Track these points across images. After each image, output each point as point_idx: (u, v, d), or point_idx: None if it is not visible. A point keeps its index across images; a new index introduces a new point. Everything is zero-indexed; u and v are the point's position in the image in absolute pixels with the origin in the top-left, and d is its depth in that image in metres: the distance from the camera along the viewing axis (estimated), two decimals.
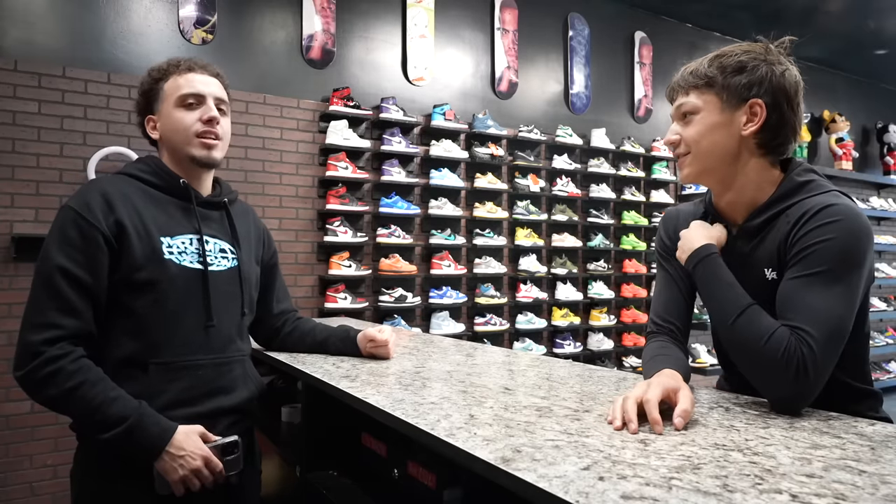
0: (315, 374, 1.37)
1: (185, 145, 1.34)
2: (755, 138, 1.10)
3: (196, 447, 1.21)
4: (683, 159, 1.16)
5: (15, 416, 2.82)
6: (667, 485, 0.68)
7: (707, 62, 1.12)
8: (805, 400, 0.98)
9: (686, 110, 1.14)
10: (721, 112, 1.10)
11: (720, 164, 1.12)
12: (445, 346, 1.90)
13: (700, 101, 1.12)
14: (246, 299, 1.41)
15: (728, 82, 1.09)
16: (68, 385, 1.15)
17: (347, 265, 3.66)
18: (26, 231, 2.86)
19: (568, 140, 4.57)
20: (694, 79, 1.13)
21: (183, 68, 1.36)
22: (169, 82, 1.35)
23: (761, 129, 1.09)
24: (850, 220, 1.01)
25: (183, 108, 1.34)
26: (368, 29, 3.95)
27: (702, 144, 1.12)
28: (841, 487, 0.67)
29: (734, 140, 1.10)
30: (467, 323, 4.13)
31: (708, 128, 1.11)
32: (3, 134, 2.87)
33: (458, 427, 0.91)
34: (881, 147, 7.09)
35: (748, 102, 1.09)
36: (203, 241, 1.33)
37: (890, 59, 6.36)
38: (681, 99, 1.15)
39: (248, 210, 1.56)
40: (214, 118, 1.35)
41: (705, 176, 1.16)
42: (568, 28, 4.79)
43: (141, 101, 1.39)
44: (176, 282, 1.27)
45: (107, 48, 3.15)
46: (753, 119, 1.09)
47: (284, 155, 3.61)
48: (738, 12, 5.21)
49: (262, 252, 1.55)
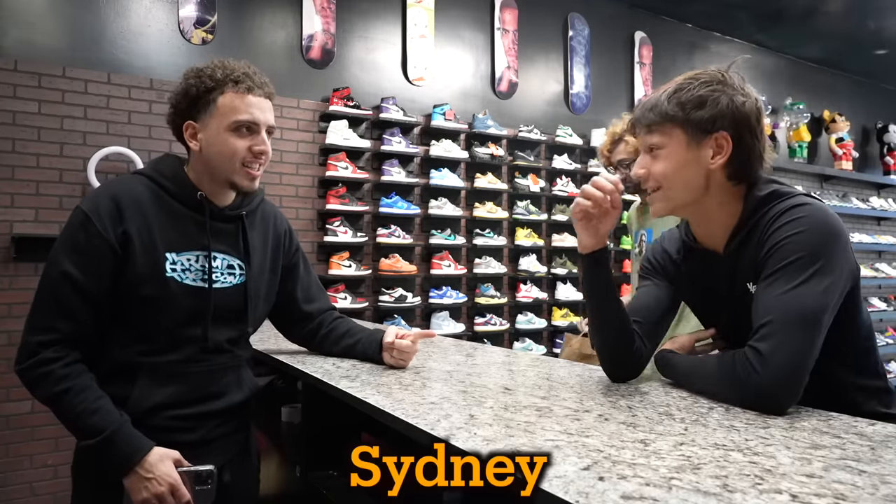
0: (315, 374, 1.37)
1: (230, 172, 1.29)
2: (723, 171, 1.10)
3: (165, 473, 1.18)
4: (654, 195, 1.16)
5: (15, 416, 2.81)
6: (667, 485, 0.68)
7: (666, 98, 1.11)
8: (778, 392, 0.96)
9: (652, 144, 1.14)
10: (687, 148, 1.10)
11: (691, 198, 1.13)
12: (445, 346, 1.90)
13: (665, 137, 1.12)
14: (249, 317, 1.38)
15: (690, 118, 1.08)
16: (56, 389, 1.17)
17: (347, 265, 3.66)
18: (26, 231, 2.86)
19: (568, 140, 4.57)
20: (655, 116, 1.12)
21: (242, 88, 1.27)
22: (224, 98, 1.27)
23: (728, 161, 1.09)
24: (815, 215, 1.02)
25: (235, 134, 1.27)
26: (368, 29, 3.95)
27: (672, 181, 1.12)
28: (841, 487, 0.67)
29: (703, 174, 1.11)
30: (467, 323, 4.13)
31: (676, 164, 1.11)
32: (3, 134, 2.87)
33: (458, 427, 0.91)
34: (881, 147, 7.09)
35: (713, 136, 1.08)
36: (210, 258, 1.30)
37: (890, 59, 6.36)
38: (644, 135, 1.15)
39: (269, 215, 1.48)
40: (265, 152, 1.31)
41: (678, 211, 1.17)
42: (568, 28, 4.79)
43: (182, 101, 1.29)
44: (176, 300, 1.25)
45: (107, 48, 3.15)
46: (720, 152, 1.09)
47: (284, 155, 3.61)
48: (738, 12, 5.21)
49: (282, 256, 1.50)
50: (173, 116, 1.32)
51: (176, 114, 1.31)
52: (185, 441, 1.29)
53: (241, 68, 1.30)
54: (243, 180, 1.30)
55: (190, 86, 1.28)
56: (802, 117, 6.13)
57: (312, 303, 1.58)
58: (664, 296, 1.27)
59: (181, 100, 1.30)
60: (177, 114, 1.31)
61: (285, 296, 1.53)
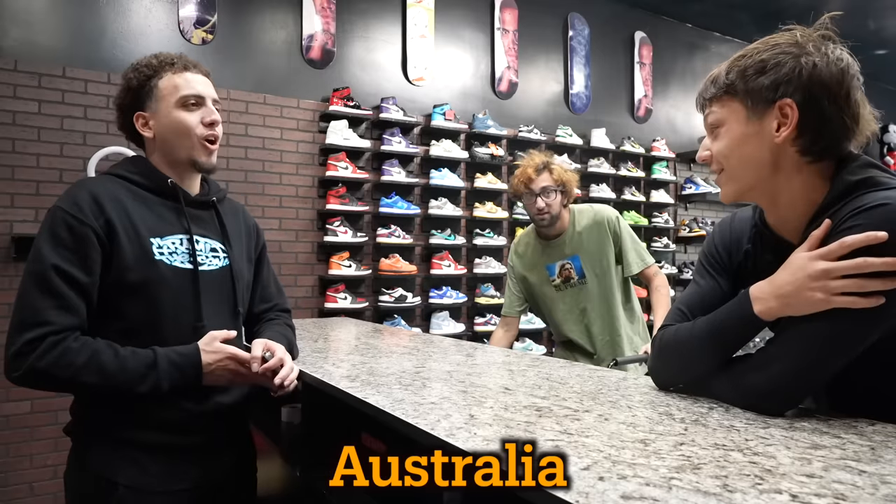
0: (315, 374, 1.37)
1: (189, 149, 1.32)
2: (793, 145, 0.96)
3: (217, 349, 1.25)
4: (719, 177, 1.05)
5: (15, 416, 2.82)
6: (667, 485, 0.68)
7: (726, 67, 1.01)
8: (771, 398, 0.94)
9: (712, 123, 1.04)
10: (747, 121, 0.98)
11: (758, 179, 1.00)
12: (445, 346, 1.90)
13: (724, 111, 1.01)
14: (238, 298, 1.39)
15: (750, 86, 0.97)
16: (80, 361, 1.13)
17: (347, 265, 3.66)
18: (26, 231, 2.87)
19: (568, 140, 4.57)
20: (714, 88, 1.02)
21: (179, 67, 1.33)
22: (164, 80, 1.31)
23: (797, 132, 0.95)
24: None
25: (184, 110, 1.31)
26: (368, 29, 3.95)
27: (732, 160, 1.01)
28: (841, 487, 0.67)
29: (767, 150, 0.97)
30: (467, 323, 4.13)
31: (735, 141, 1.00)
32: (3, 134, 2.88)
33: (458, 427, 0.91)
34: (881, 147, 7.09)
35: (776, 104, 0.95)
36: (193, 241, 1.32)
37: (890, 59, 6.36)
38: (706, 111, 1.05)
39: (237, 208, 1.53)
40: (217, 121, 1.34)
41: (746, 194, 1.04)
42: (568, 28, 4.79)
43: (126, 96, 1.34)
44: (167, 282, 1.25)
45: (107, 48, 3.15)
46: (785, 122, 0.95)
47: (284, 155, 3.61)
48: (738, 12, 5.21)
49: (253, 248, 1.52)
50: (121, 116, 1.36)
51: (122, 111, 1.35)
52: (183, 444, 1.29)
53: (173, 54, 1.36)
54: (202, 155, 1.33)
55: (130, 80, 1.33)
56: None
57: (266, 302, 1.54)
58: (728, 294, 1.10)
59: (124, 96, 1.34)
60: (123, 111, 1.35)
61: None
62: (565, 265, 2.35)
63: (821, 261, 0.87)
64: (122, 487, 1.22)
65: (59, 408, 2.79)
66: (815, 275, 0.87)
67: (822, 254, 0.87)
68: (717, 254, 1.14)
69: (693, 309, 1.10)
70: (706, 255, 1.16)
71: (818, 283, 0.86)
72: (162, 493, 1.25)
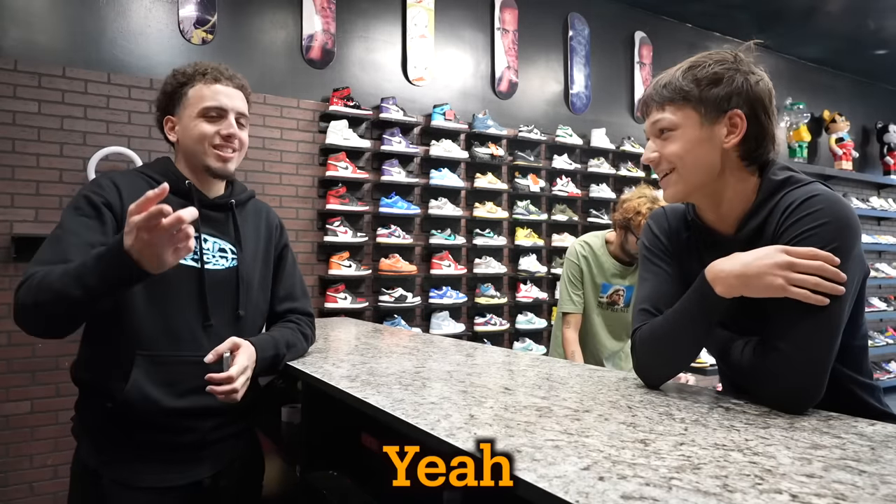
0: (315, 374, 1.37)
1: (202, 155, 1.36)
2: (737, 150, 1.08)
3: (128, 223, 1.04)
4: (667, 178, 1.13)
5: (15, 416, 2.81)
6: (667, 485, 0.68)
7: (681, 75, 1.09)
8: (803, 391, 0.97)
9: (663, 126, 1.11)
10: (701, 126, 1.08)
11: (707, 180, 1.10)
12: (445, 346, 1.90)
13: (678, 116, 1.09)
14: (241, 300, 1.40)
15: (704, 95, 1.07)
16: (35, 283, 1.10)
17: (347, 265, 3.66)
18: (26, 231, 2.87)
19: (568, 140, 4.57)
20: (669, 93, 1.10)
21: (210, 78, 1.37)
22: (194, 89, 1.36)
23: (742, 140, 1.07)
24: (837, 206, 1.01)
25: (204, 120, 1.35)
26: (368, 29, 3.95)
27: (686, 161, 1.10)
28: (841, 487, 0.67)
29: (717, 154, 1.08)
30: (467, 323, 4.13)
31: (690, 144, 1.09)
32: (3, 134, 2.87)
33: (458, 427, 0.91)
34: (881, 147, 7.09)
35: (727, 114, 1.07)
36: (201, 240, 1.34)
37: (890, 59, 6.36)
38: (656, 115, 1.12)
39: (261, 208, 1.55)
40: (233, 135, 1.36)
41: (693, 194, 1.14)
42: (568, 28, 4.79)
43: (162, 99, 1.41)
44: (169, 278, 1.24)
45: (107, 48, 3.15)
46: (734, 131, 1.07)
47: (284, 155, 3.61)
48: (738, 12, 5.21)
49: (273, 248, 1.53)
50: (158, 115, 1.44)
51: (159, 111, 1.43)
52: (183, 442, 1.29)
53: (211, 64, 1.41)
54: (215, 162, 1.36)
55: (167, 84, 1.40)
56: (802, 117, 6.13)
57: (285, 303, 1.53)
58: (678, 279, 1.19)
59: (161, 98, 1.42)
60: (159, 111, 1.43)
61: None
62: (619, 290, 2.46)
63: (789, 255, 0.97)
64: (107, 480, 1.23)
65: (59, 408, 2.79)
66: (782, 264, 0.97)
67: (790, 250, 0.98)
68: (658, 243, 1.25)
69: (655, 302, 1.18)
70: (648, 246, 1.26)
71: (782, 271, 0.96)
72: (148, 490, 1.26)
